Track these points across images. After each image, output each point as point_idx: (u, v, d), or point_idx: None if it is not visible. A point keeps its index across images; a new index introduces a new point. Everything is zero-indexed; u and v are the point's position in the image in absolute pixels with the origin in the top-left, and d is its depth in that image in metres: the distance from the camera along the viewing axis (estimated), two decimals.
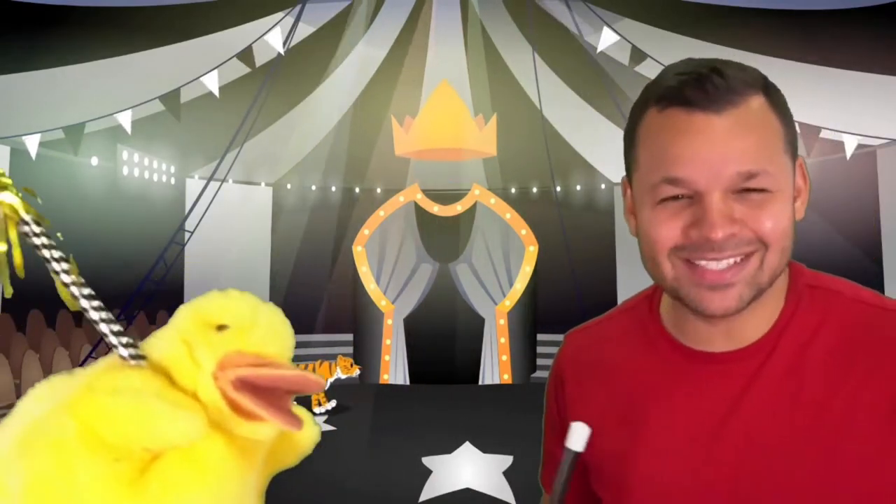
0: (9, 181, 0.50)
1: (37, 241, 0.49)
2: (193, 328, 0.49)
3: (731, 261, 0.73)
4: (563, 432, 0.89)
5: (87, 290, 0.49)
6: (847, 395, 0.74)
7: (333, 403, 8.18)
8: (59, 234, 0.51)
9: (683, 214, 0.75)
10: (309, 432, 0.54)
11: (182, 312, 0.50)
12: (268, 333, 0.50)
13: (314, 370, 8.17)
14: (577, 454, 0.76)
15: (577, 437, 0.75)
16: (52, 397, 0.47)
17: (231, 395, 0.47)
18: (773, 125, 0.75)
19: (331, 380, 8.18)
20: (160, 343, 0.49)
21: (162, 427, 0.44)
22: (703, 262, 0.74)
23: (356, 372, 8.61)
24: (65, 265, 0.49)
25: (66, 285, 0.49)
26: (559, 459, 0.91)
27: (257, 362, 0.48)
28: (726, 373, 0.80)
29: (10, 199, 0.49)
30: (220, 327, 0.49)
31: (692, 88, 0.73)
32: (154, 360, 0.49)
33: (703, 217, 0.73)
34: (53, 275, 0.49)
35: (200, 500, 0.45)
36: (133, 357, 0.48)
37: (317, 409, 8.03)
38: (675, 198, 0.75)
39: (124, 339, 0.49)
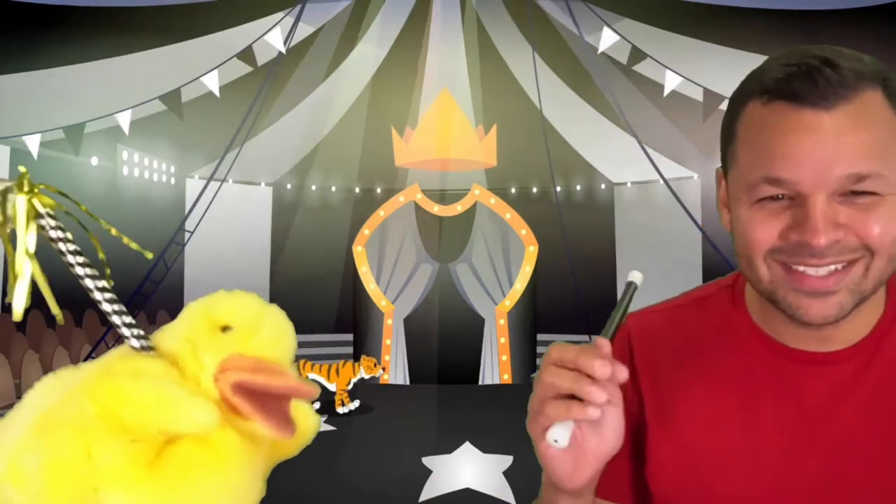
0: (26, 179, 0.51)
1: (53, 234, 0.49)
2: (200, 327, 0.50)
3: (833, 267, 0.69)
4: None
5: (101, 283, 0.50)
6: None
7: (357, 403, 8.18)
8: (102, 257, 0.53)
9: (783, 216, 0.70)
10: (308, 423, 0.54)
11: (190, 310, 0.51)
12: (270, 338, 0.50)
13: (338, 370, 8.22)
14: (636, 288, 0.71)
15: (638, 277, 0.72)
16: (61, 388, 0.47)
17: (229, 397, 0.48)
18: (891, 122, 0.68)
19: (354, 380, 8.20)
20: (168, 338, 0.50)
21: (182, 413, 0.45)
22: (802, 268, 0.69)
23: (379, 372, 8.64)
24: (80, 258, 0.49)
25: (80, 277, 0.49)
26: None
27: (257, 367, 0.49)
28: (825, 374, 0.76)
29: (22, 201, 0.50)
30: (225, 328, 0.50)
31: (801, 81, 0.67)
32: (163, 353, 0.50)
33: (804, 221, 0.68)
34: (69, 267, 0.50)
35: (214, 483, 0.46)
36: (144, 348, 0.50)
37: (340, 410, 8.06)
38: (775, 197, 0.70)
39: (136, 331, 0.49)
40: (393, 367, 10.58)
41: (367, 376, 8.46)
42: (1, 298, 0.57)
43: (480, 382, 10.16)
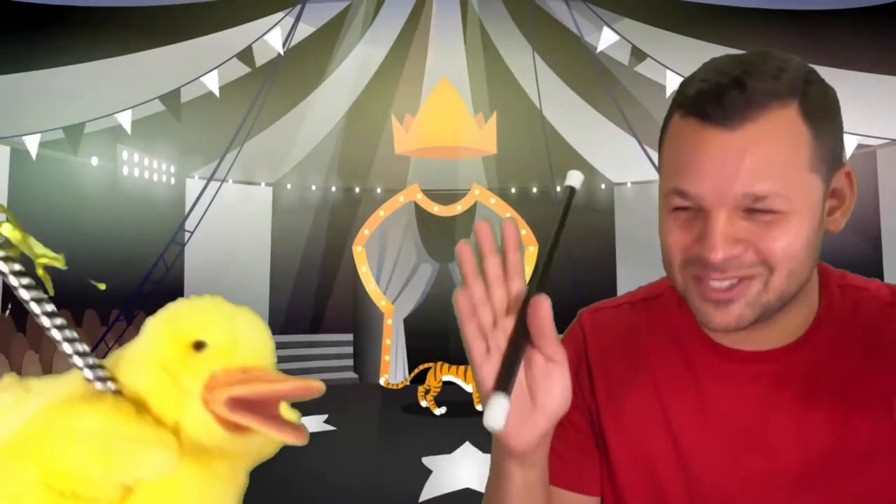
0: None
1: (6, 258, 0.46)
2: (169, 350, 0.46)
3: (733, 281, 0.72)
4: (578, 411, 0.87)
5: (49, 307, 0.46)
6: (876, 389, 0.75)
7: (443, 410, 8.18)
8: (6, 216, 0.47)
9: (692, 227, 0.73)
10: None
11: (152, 330, 0.47)
12: (251, 348, 0.47)
13: (434, 373, 8.22)
14: (574, 191, 0.71)
15: (576, 178, 0.71)
16: (8, 418, 0.44)
17: (226, 416, 0.45)
18: (800, 139, 0.69)
19: (446, 379, 8.23)
20: (135, 370, 0.46)
21: (129, 468, 0.42)
22: (705, 279, 0.73)
23: None
24: (24, 279, 0.46)
25: (25, 301, 0.46)
26: (567, 442, 0.87)
27: (246, 377, 0.46)
28: (760, 373, 0.79)
29: None
30: (198, 344, 0.47)
31: (710, 101, 0.70)
32: (126, 385, 0.46)
33: (705, 236, 0.71)
34: (14, 289, 0.46)
35: None
36: (99, 379, 0.46)
37: (479, 408, 8.08)
38: (685, 208, 0.73)
39: (90, 360, 0.46)
40: (393, 367, 10.59)
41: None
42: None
43: None
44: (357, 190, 12.71)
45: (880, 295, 0.81)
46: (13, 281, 0.45)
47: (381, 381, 9.15)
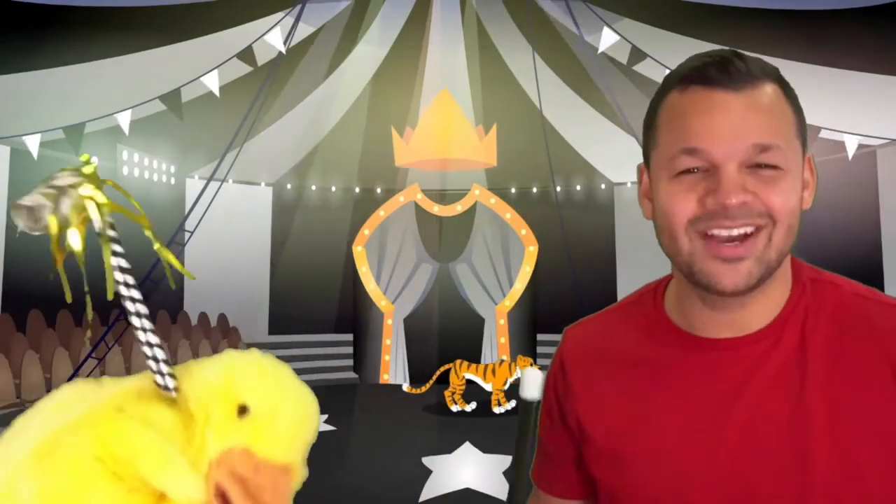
0: (92, 171, 0.50)
1: (113, 247, 0.49)
2: (218, 398, 0.48)
3: (743, 230, 0.76)
4: (561, 424, 0.93)
5: (143, 309, 0.49)
6: (844, 380, 0.78)
7: (513, 404, 8.19)
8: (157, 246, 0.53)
9: (699, 187, 0.78)
10: None
11: (216, 372, 0.49)
12: (286, 433, 0.49)
13: (494, 371, 8.24)
14: (538, 403, 0.75)
15: (532, 383, 0.73)
16: (76, 406, 0.47)
17: (219, 487, 0.46)
18: (786, 111, 0.79)
19: (510, 379, 8.23)
20: (191, 385, 0.49)
21: (175, 480, 0.44)
22: (716, 231, 0.77)
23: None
24: (129, 278, 0.49)
25: (122, 299, 0.49)
26: (552, 453, 0.94)
27: (252, 474, 0.47)
28: (733, 359, 0.82)
29: (88, 193, 0.49)
30: (243, 409, 0.48)
31: (715, 69, 0.78)
32: (183, 400, 0.48)
33: (717, 187, 0.76)
34: (115, 285, 0.49)
35: None
36: (166, 388, 0.48)
37: (496, 409, 8.16)
38: (692, 171, 0.78)
39: (166, 369, 0.48)
40: (393, 367, 10.59)
41: None
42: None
43: None
44: (357, 190, 12.71)
45: (854, 290, 0.85)
46: (119, 276, 0.49)
47: (404, 388, 9.14)
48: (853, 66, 8.18)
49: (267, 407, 0.48)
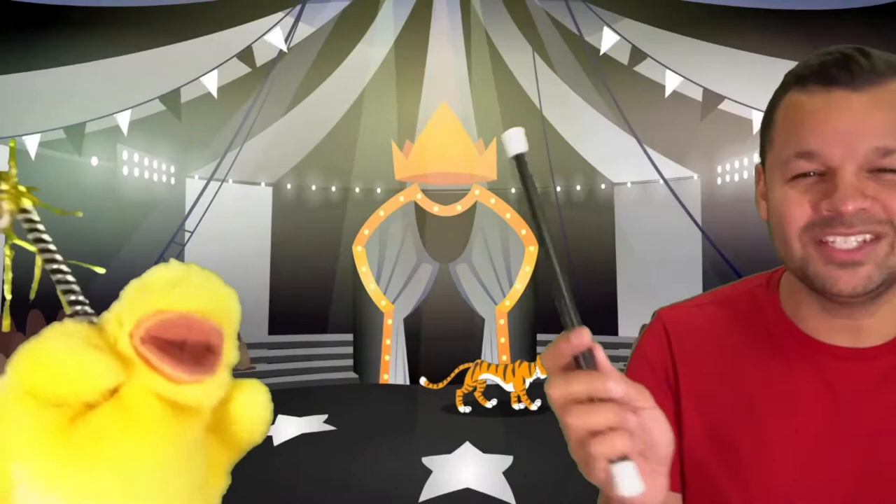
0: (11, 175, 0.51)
1: (31, 228, 0.50)
2: (129, 302, 0.48)
3: (861, 238, 0.71)
4: (666, 388, 0.86)
5: (57, 256, 0.50)
6: None
7: (538, 403, 8.18)
8: (79, 213, 0.53)
9: (814, 191, 0.73)
10: (253, 402, 0.51)
11: (132, 282, 0.50)
12: (189, 290, 0.48)
13: (513, 371, 8.25)
14: (521, 158, 0.64)
15: (516, 137, 0.62)
16: None
17: (137, 348, 0.46)
18: None
19: (529, 380, 8.22)
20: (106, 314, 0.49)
21: (81, 369, 0.44)
22: (832, 239, 0.72)
23: None
24: (54, 254, 0.49)
25: (45, 263, 0.50)
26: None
27: (176, 321, 0.47)
28: (859, 370, 0.78)
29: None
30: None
31: (836, 67, 0.73)
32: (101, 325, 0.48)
33: (834, 191, 0.71)
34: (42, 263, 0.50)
35: (129, 449, 0.44)
36: (81, 314, 0.49)
37: (516, 406, 8.15)
38: (807, 175, 0.74)
39: (72, 297, 0.49)
40: (393, 367, 10.59)
41: (542, 376, 8.48)
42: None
43: None
44: (357, 190, 12.71)
45: None
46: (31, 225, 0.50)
47: (421, 382, 9.16)
48: None
49: (171, 276, 0.48)
